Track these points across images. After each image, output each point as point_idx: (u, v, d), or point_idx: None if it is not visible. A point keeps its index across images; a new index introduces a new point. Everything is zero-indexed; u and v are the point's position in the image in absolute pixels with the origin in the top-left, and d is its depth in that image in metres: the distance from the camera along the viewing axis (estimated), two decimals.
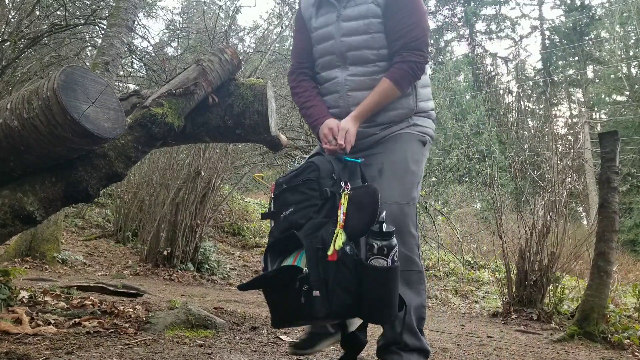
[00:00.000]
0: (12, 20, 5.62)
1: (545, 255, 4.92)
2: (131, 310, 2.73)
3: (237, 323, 2.85)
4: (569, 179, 5.95)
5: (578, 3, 25.62)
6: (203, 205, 6.56)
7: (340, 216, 1.53)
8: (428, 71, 2.07)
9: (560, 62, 26.48)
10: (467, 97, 23.91)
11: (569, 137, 19.32)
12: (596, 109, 23.30)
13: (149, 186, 7.22)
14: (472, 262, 9.17)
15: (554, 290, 4.92)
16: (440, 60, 27.79)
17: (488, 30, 29.01)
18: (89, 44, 6.91)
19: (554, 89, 25.22)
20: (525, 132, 15.91)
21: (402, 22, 1.87)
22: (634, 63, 20.77)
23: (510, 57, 28.76)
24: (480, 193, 16.43)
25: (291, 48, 2.31)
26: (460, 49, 32.09)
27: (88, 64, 4.58)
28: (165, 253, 6.23)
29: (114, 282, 3.99)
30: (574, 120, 23.90)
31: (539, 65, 27.37)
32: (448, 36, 29.58)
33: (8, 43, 5.06)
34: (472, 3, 28.71)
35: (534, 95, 25.85)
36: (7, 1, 5.91)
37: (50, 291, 3.10)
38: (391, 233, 1.54)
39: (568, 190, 5.70)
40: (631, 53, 21.01)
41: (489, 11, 29.24)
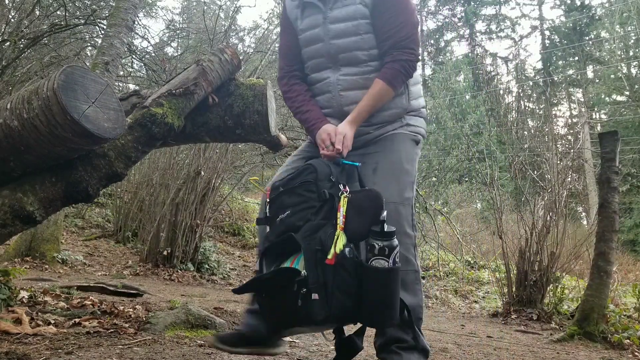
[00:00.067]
0: (12, 20, 5.62)
1: (545, 255, 4.93)
2: (131, 310, 2.73)
3: (237, 323, 2.84)
4: (569, 179, 5.95)
5: (578, 3, 25.65)
6: (203, 205, 6.56)
7: (339, 218, 1.50)
8: (419, 70, 2.06)
9: (560, 62, 26.51)
10: (467, 97, 23.91)
11: (569, 137, 19.30)
12: (596, 109, 23.31)
13: (149, 186, 7.22)
14: (472, 262, 9.18)
15: (554, 290, 4.92)
16: (440, 60, 27.83)
17: (488, 30, 29.07)
18: (89, 44, 6.91)
19: (554, 89, 25.23)
20: (525, 132, 15.88)
21: (390, 22, 1.85)
22: (634, 63, 20.78)
23: (510, 57, 28.87)
24: (480, 193, 16.43)
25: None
26: (460, 49, 32.19)
27: (88, 64, 4.58)
28: (165, 253, 6.23)
29: (114, 282, 3.99)
30: (574, 120, 23.91)
31: (539, 65, 27.43)
32: (448, 36, 29.70)
33: (8, 43, 5.06)
34: (472, 3, 28.75)
35: (534, 95, 25.87)
36: (7, 1, 5.91)
37: (50, 291, 3.09)
38: (392, 233, 1.51)
39: (568, 190, 5.70)
40: (631, 53, 21.01)
41: (489, 11, 29.34)
